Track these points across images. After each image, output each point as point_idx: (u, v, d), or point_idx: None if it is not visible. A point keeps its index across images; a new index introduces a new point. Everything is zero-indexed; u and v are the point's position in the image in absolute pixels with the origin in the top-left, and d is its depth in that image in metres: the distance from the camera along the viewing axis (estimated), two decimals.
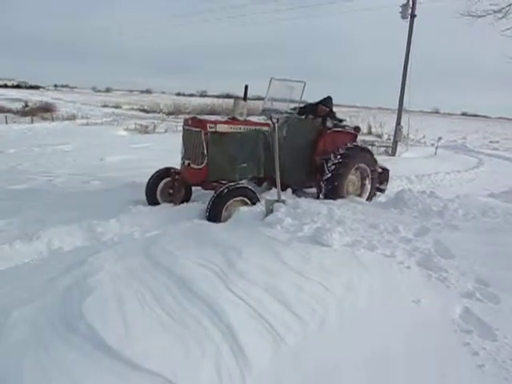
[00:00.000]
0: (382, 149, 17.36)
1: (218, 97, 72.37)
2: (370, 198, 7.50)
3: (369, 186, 7.54)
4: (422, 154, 17.63)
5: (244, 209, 5.13)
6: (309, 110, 7.50)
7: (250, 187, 5.71)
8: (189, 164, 6.04)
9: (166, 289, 2.97)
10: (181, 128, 6.55)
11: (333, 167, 6.74)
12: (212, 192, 5.58)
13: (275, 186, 5.99)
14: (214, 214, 5.32)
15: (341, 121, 7.61)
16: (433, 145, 20.17)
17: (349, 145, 7.09)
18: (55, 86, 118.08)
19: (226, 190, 5.39)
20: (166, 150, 13.87)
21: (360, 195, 7.42)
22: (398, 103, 16.96)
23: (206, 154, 5.82)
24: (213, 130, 5.88)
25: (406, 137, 19.02)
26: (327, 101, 7.53)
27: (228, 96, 77.67)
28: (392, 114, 19.47)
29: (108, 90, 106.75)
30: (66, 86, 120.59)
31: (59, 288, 3.06)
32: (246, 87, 6.27)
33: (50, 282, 3.35)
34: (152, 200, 6.32)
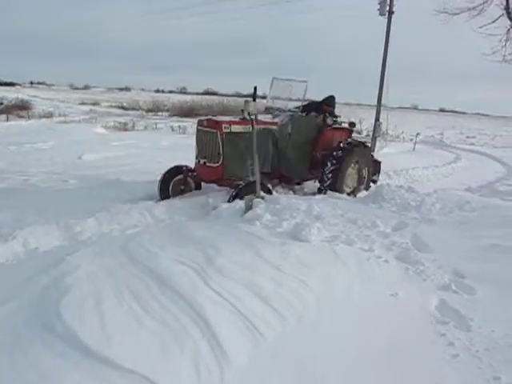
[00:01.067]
0: None
1: (197, 94, 72.02)
2: (366, 189, 8.09)
3: (365, 178, 8.15)
4: (400, 149, 17.86)
5: (224, 205, 5.13)
6: (312, 107, 7.90)
7: (264, 183, 5.94)
8: (204, 162, 6.42)
9: (144, 286, 2.95)
10: (160, 126, 6.62)
11: (334, 161, 7.19)
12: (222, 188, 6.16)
13: (282, 181, 6.95)
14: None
15: (336, 117, 8.02)
16: (411, 140, 20.44)
17: (348, 140, 7.74)
18: (31, 83, 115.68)
19: (245, 186, 5.75)
20: (147, 147, 13.79)
21: (358, 186, 7.96)
22: (376, 99, 17.12)
23: (221, 153, 6.25)
24: (228, 130, 6.32)
25: (385, 133, 19.23)
26: (330, 100, 8.03)
27: (207, 93, 77.24)
28: (371, 109, 19.63)
29: (86, 88, 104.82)
30: (43, 83, 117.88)
31: (36, 288, 3.01)
32: (255, 88, 6.46)
33: (26, 282, 3.28)
34: (164, 195, 6.69)
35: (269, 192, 5.78)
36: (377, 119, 17.00)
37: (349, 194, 7.57)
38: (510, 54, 11.37)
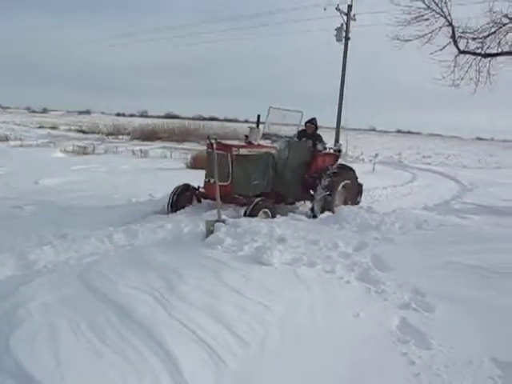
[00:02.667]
0: None
1: (158, 117, 71.64)
2: None
3: (355, 200, 8.73)
4: (360, 170, 18.04)
5: (185, 229, 5.08)
6: (302, 134, 8.61)
7: (271, 202, 6.98)
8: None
9: (103, 317, 2.86)
10: (121, 149, 6.54)
11: (326, 183, 7.79)
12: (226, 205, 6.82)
13: (279, 201, 7.45)
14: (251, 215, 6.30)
15: (325, 143, 8.77)
16: (370, 161, 20.90)
17: (337, 164, 8.54)
18: None
19: (256, 204, 6.50)
20: (107, 171, 13.55)
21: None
22: (336, 122, 17.55)
23: (231, 173, 6.87)
24: (236, 153, 6.97)
25: (345, 154, 19.61)
26: (312, 120, 8.79)
27: (169, 116, 76.84)
28: (331, 132, 20.05)
29: (44, 111, 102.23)
30: None
31: None
32: (259, 116, 7.70)
33: None
34: (172, 209, 7.22)
35: (272, 211, 6.76)
36: (336, 140, 17.38)
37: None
38: (458, 79, 11.99)
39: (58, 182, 10.88)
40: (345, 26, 17.41)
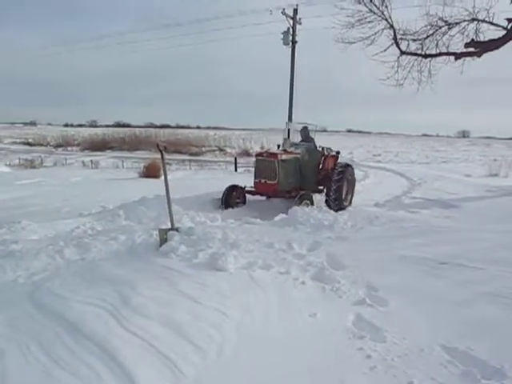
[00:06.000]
0: None
1: (108, 126, 70.05)
2: (351, 201, 10.67)
3: (352, 192, 10.82)
4: None
5: (138, 240, 4.99)
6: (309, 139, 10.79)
7: (310, 195, 9.24)
8: (265, 181, 9.13)
9: (54, 336, 2.76)
10: (71, 161, 6.34)
11: (337, 177, 9.78)
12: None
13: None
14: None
15: (322, 148, 10.75)
16: None
17: (343, 163, 10.58)
18: None
19: (301, 196, 8.75)
20: (57, 184, 13.15)
21: (347, 198, 10.50)
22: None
23: (277, 174, 8.99)
24: (281, 158, 9.12)
25: None
26: (305, 127, 10.88)
27: (119, 125, 75.18)
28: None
29: None
30: None
31: None
32: (289, 130, 11.05)
33: None
34: (227, 205, 9.29)
35: (311, 201, 9.05)
36: None
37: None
38: (401, 79, 12.48)
39: (3, 197, 10.46)
40: (291, 29, 17.72)
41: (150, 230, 5.80)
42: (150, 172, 16.10)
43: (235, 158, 22.88)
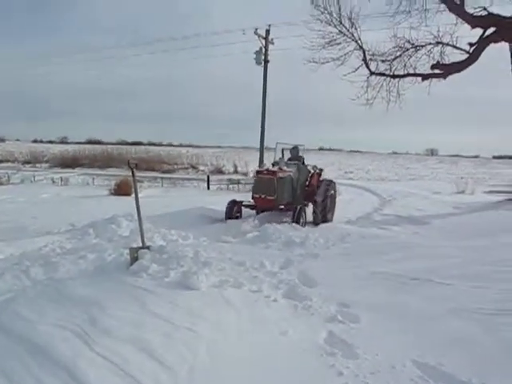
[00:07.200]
0: (248, 186, 17.99)
1: (79, 143, 69.04)
2: (333, 214, 11.65)
3: (334, 206, 11.87)
4: None
5: (108, 259, 4.89)
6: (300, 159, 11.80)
7: (304, 208, 10.30)
8: (265, 196, 10.09)
9: (17, 361, 2.66)
10: (39, 178, 6.21)
11: (324, 192, 10.93)
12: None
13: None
14: (297, 219, 9.47)
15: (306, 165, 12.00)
16: None
17: (328, 180, 11.84)
18: None
19: (299, 209, 9.78)
20: (25, 201, 12.86)
21: (330, 212, 11.43)
22: (259, 142, 17.90)
23: (276, 189, 9.96)
24: (278, 176, 10.14)
25: None
26: (296, 147, 11.94)
27: (90, 142, 74.11)
28: (257, 152, 20.39)
29: None
30: None
31: None
32: (283, 150, 11.88)
33: None
34: (229, 217, 10.35)
35: (305, 213, 10.26)
36: (261, 161, 17.70)
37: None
38: (371, 99, 12.83)
39: None
40: (263, 49, 17.99)
41: (120, 249, 5.72)
42: (122, 189, 15.91)
43: (208, 176, 22.87)
